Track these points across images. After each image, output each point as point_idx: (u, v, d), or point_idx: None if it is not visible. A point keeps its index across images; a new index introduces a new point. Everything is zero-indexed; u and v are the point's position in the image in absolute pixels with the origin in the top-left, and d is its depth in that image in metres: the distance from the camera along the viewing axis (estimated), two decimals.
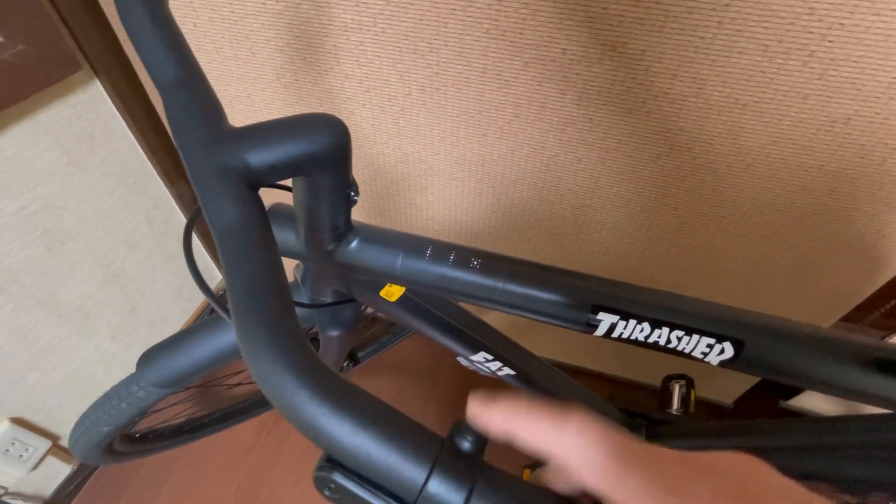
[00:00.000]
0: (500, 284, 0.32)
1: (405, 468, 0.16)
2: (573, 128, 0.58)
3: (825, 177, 0.53)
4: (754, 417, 1.00)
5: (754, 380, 0.91)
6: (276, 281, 0.19)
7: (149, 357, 0.43)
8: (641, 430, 0.66)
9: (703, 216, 0.62)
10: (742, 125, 0.51)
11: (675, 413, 0.70)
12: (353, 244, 0.33)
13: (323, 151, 0.24)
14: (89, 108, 0.74)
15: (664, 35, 0.47)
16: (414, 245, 0.34)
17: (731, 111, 0.51)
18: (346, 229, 0.33)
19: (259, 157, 0.23)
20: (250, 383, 0.85)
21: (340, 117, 0.70)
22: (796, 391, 0.92)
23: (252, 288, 0.18)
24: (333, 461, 0.17)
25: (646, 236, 0.68)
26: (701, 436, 0.57)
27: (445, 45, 0.55)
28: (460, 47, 0.54)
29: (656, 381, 0.75)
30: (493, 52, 0.54)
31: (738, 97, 0.49)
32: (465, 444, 0.17)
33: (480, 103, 0.59)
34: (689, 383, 0.72)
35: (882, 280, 0.62)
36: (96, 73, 0.73)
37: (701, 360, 0.29)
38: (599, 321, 0.30)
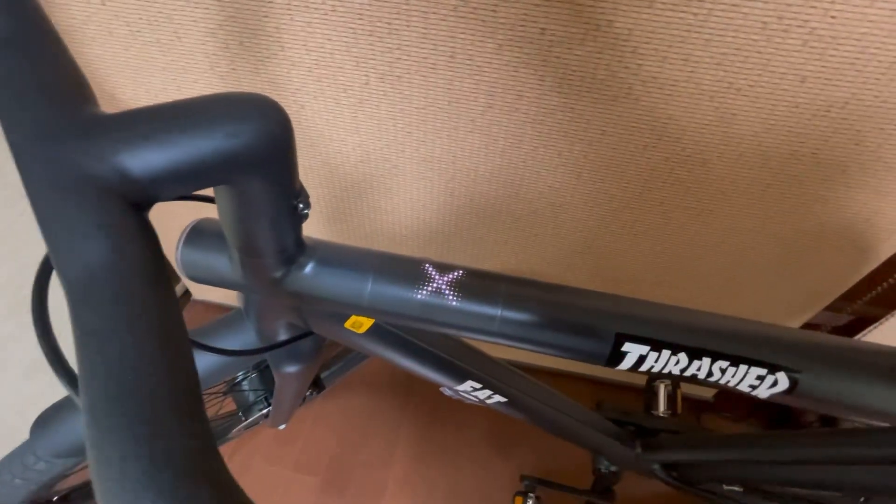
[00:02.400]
0: (499, 312, 0.25)
1: None
2: (553, 118, 0.52)
3: (818, 165, 0.50)
4: (734, 410, 0.99)
5: None
6: (168, 368, 0.11)
7: (46, 421, 0.33)
8: (634, 440, 0.62)
9: (691, 210, 0.58)
10: (735, 111, 0.47)
11: (662, 415, 0.67)
12: (308, 269, 0.26)
13: (250, 149, 0.16)
14: None
15: (654, 11, 0.42)
16: (386, 266, 0.26)
17: (724, 96, 0.46)
18: (295, 250, 0.25)
19: (144, 160, 0.14)
20: None
21: (289, 111, 0.61)
22: None
23: (119, 385, 0.11)
24: None
25: (630, 233, 0.64)
26: (700, 448, 0.53)
27: (407, 26, 0.48)
28: (424, 28, 0.47)
29: (641, 381, 0.71)
30: (463, 33, 0.47)
31: (733, 80, 0.45)
32: None
33: (449, 93, 0.52)
34: (675, 383, 0.69)
35: (867, 269, 0.60)
36: None
37: (748, 394, 0.24)
38: (625, 354, 0.24)
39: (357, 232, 0.76)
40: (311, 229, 0.78)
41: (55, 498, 0.54)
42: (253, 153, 0.16)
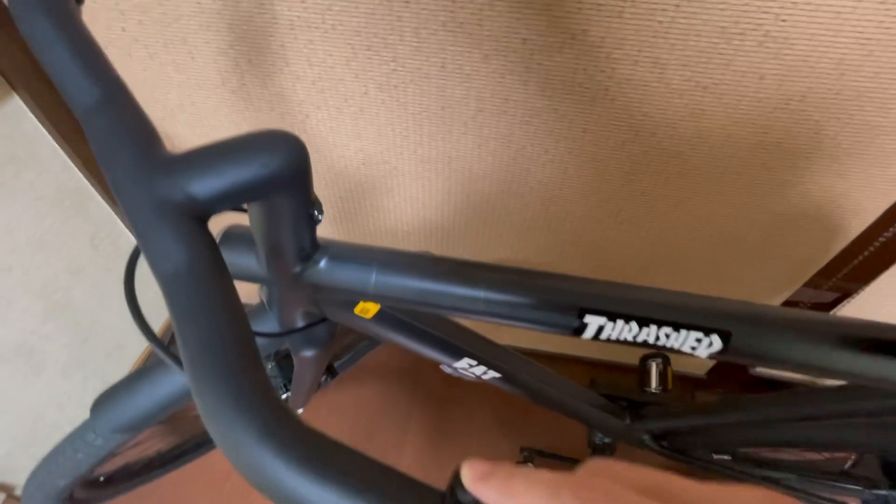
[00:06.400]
0: (482, 294, 0.30)
1: None
2: (538, 119, 0.57)
3: (784, 153, 0.54)
4: (726, 386, 1.03)
5: None
6: (236, 329, 0.17)
7: (104, 401, 0.39)
8: (625, 413, 0.67)
9: (671, 199, 0.63)
10: (703, 108, 0.52)
11: (654, 391, 0.72)
12: (322, 264, 0.31)
13: (279, 174, 0.21)
14: (9, 126, 0.67)
15: (623, 20, 0.46)
16: (387, 259, 0.31)
17: (692, 94, 0.51)
18: (311, 249, 0.30)
19: (205, 187, 0.20)
20: None
21: (295, 121, 0.67)
22: None
23: (208, 341, 0.16)
24: None
25: (616, 223, 0.68)
26: (683, 416, 0.58)
27: (401, 41, 0.52)
28: (417, 42, 0.52)
29: (634, 360, 0.76)
30: (452, 45, 0.51)
31: (699, 80, 0.49)
32: (467, 497, 0.16)
33: (442, 99, 0.57)
34: (665, 360, 0.74)
35: (839, 248, 0.64)
36: (13, 87, 0.66)
37: (691, 354, 0.29)
38: (587, 324, 0.29)
39: (361, 230, 0.81)
40: (320, 230, 0.83)
41: (101, 479, 0.60)
42: (280, 177, 0.21)
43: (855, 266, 0.66)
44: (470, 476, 0.15)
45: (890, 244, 0.62)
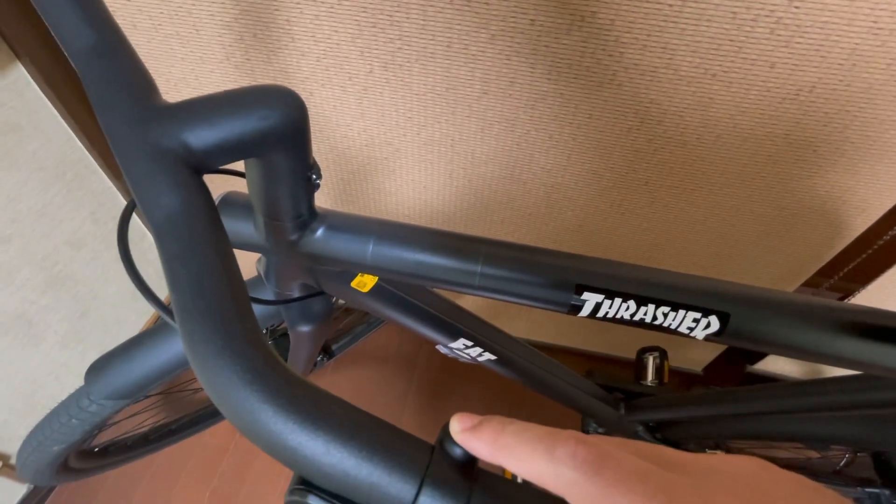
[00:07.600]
0: (479, 268, 0.30)
1: (391, 485, 0.14)
2: (544, 103, 0.56)
3: (790, 146, 0.54)
4: (723, 382, 1.04)
5: (722, 347, 0.94)
6: (228, 277, 0.16)
7: (99, 367, 0.39)
8: (620, 403, 0.67)
9: (674, 189, 0.62)
10: (711, 96, 0.51)
11: (650, 384, 0.72)
12: (319, 233, 0.31)
13: (276, 128, 0.21)
14: (12, 94, 0.66)
15: (633, 2, 0.45)
16: (385, 230, 0.31)
17: (700, 81, 0.50)
18: (309, 217, 0.30)
19: (200, 137, 0.20)
20: None
21: None
22: (761, 356, 0.96)
23: (199, 287, 0.16)
24: (307, 483, 0.15)
25: (618, 212, 0.68)
26: (677, 406, 0.58)
27: (407, 18, 0.51)
28: (423, 20, 0.51)
29: (631, 354, 0.76)
30: (459, 24, 0.51)
31: (708, 67, 0.49)
32: (457, 450, 0.15)
33: (447, 80, 0.56)
34: (663, 355, 0.74)
35: (842, 245, 0.64)
36: (17, 56, 0.65)
37: (687, 336, 0.29)
38: (584, 301, 0.29)
39: (362, 212, 0.81)
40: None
41: (96, 449, 0.61)
42: (278, 131, 0.21)
43: (856, 265, 0.65)
44: (459, 428, 0.15)
45: (892, 243, 0.62)
